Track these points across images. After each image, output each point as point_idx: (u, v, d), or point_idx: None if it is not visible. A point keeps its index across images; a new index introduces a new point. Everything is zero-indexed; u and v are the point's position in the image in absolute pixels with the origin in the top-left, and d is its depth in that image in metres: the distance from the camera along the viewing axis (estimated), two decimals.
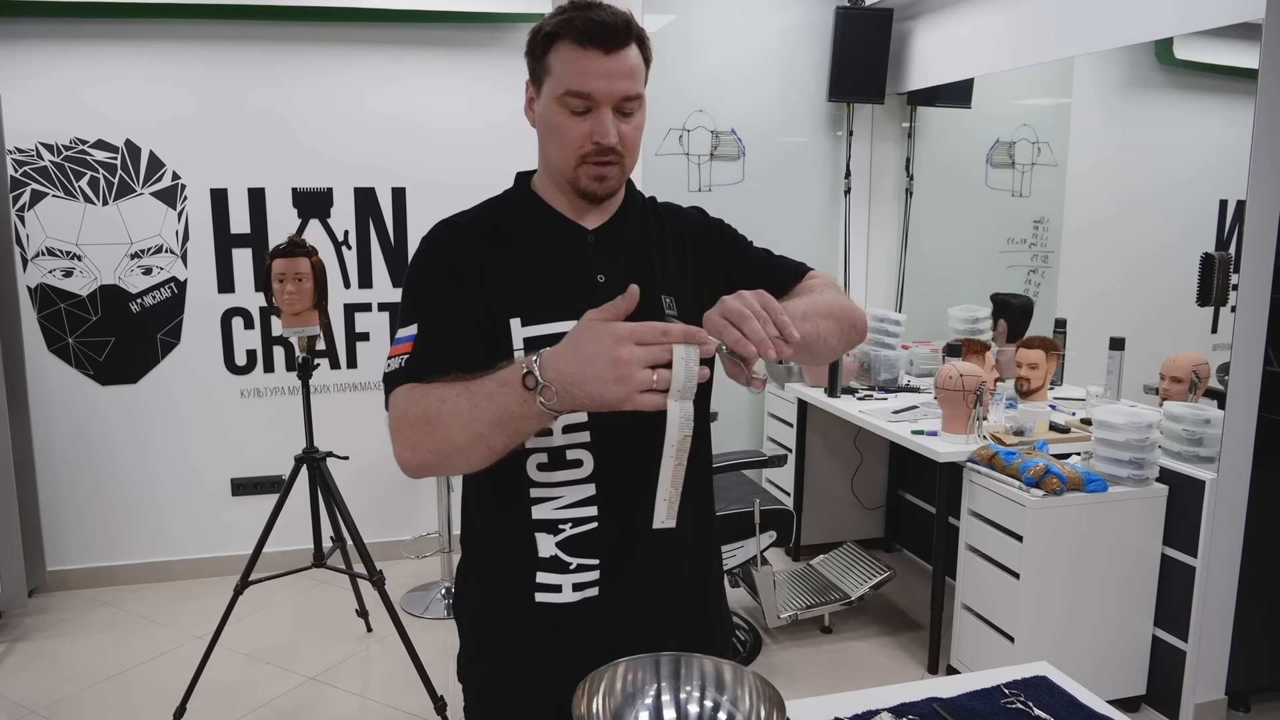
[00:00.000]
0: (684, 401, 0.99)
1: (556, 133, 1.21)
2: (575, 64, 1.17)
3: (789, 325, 1.04)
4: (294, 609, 3.73)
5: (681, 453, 1.01)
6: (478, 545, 1.33)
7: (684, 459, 1.02)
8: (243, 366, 4.00)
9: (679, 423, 0.99)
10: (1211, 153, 3.89)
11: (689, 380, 0.98)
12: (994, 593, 2.91)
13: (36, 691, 3.08)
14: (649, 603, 1.28)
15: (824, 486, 4.22)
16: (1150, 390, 3.51)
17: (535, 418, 1.03)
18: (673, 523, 1.04)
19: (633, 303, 1.01)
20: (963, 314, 4.22)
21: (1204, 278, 2.92)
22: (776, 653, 3.36)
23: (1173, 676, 2.86)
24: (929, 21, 4.18)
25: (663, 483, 1.02)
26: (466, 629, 1.36)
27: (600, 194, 1.24)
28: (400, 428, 1.13)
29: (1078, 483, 2.76)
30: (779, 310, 1.05)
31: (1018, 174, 4.43)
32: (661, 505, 1.04)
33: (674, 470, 1.02)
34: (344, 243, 4.02)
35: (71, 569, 3.93)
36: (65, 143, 3.69)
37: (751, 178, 4.43)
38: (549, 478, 1.23)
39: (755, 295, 1.06)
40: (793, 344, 1.05)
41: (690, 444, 1.01)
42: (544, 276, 1.25)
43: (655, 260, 1.31)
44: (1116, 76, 4.01)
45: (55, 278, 3.76)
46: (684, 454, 1.01)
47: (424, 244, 1.27)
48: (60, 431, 3.86)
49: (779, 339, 1.03)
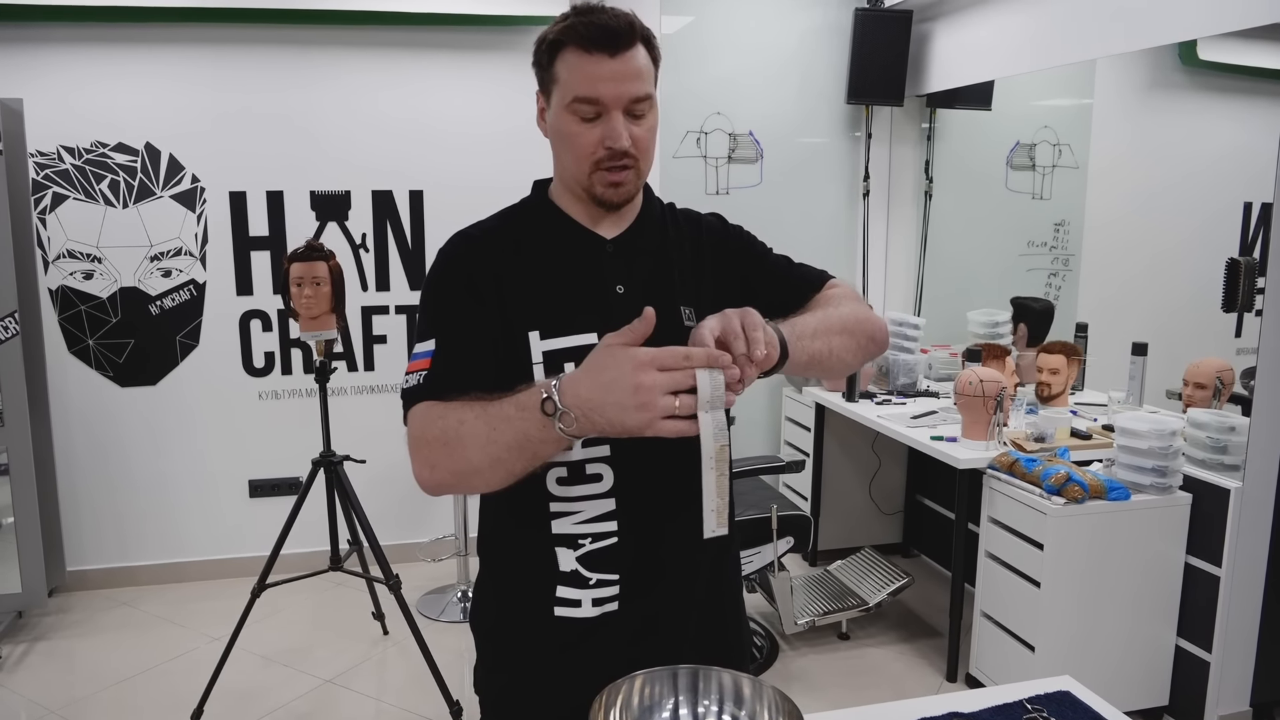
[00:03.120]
0: (715, 411, 0.99)
1: (568, 141, 1.20)
2: (581, 70, 1.16)
3: (758, 343, 1.03)
4: (310, 610, 3.74)
5: (720, 462, 1.02)
6: (496, 558, 1.32)
7: (724, 467, 1.03)
8: (261, 368, 4.02)
9: (713, 433, 0.99)
10: (1235, 155, 3.84)
11: (716, 391, 0.98)
12: (1014, 601, 2.88)
13: (55, 692, 3.10)
14: (668, 617, 1.27)
15: (841, 491, 4.19)
16: (1173, 395, 3.47)
17: (554, 442, 1.03)
18: (724, 530, 1.06)
19: (650, 326, 1.01)
20: (982, 318, 4.18)
21: (1229, 283, 2.88)
22: (794, 659, 3.34)
23: (1196, 687, 2.82)
24: (948, 23, 4.15)
25: (707, 494, 1.03)
26: (484, 641, 1.35)
27: (617, 200, 1.23)
28: (419, 447, 1.12)
29: (1100, 491, 2.73)
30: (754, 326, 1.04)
31: (1038, 176, 4.40)
32: (710, 515, 1.04)
33: (716, 480, 1.03)
34: (361, 245, 4.03)
35: (91, 569, 3.95)
36: (86, 146, 3.72)
37: (769, 180, 4.41)
38: (569, 492, 1.22)
39: (739, 314, 1.06)
40: (756, 363, 1.03)
41: (727, 451, 1.01)
42: (562, 288, 1.24)
43: (674, 269, 1.29)
44: (1139, 78, 3.97)
45: (76, 280, 3.79)
46: (723, 463, 1.02)
47: (440, 257, 1.26)
48: (80, 432, 3.89)
49: (743, 357, 1.02)
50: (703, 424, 0.98)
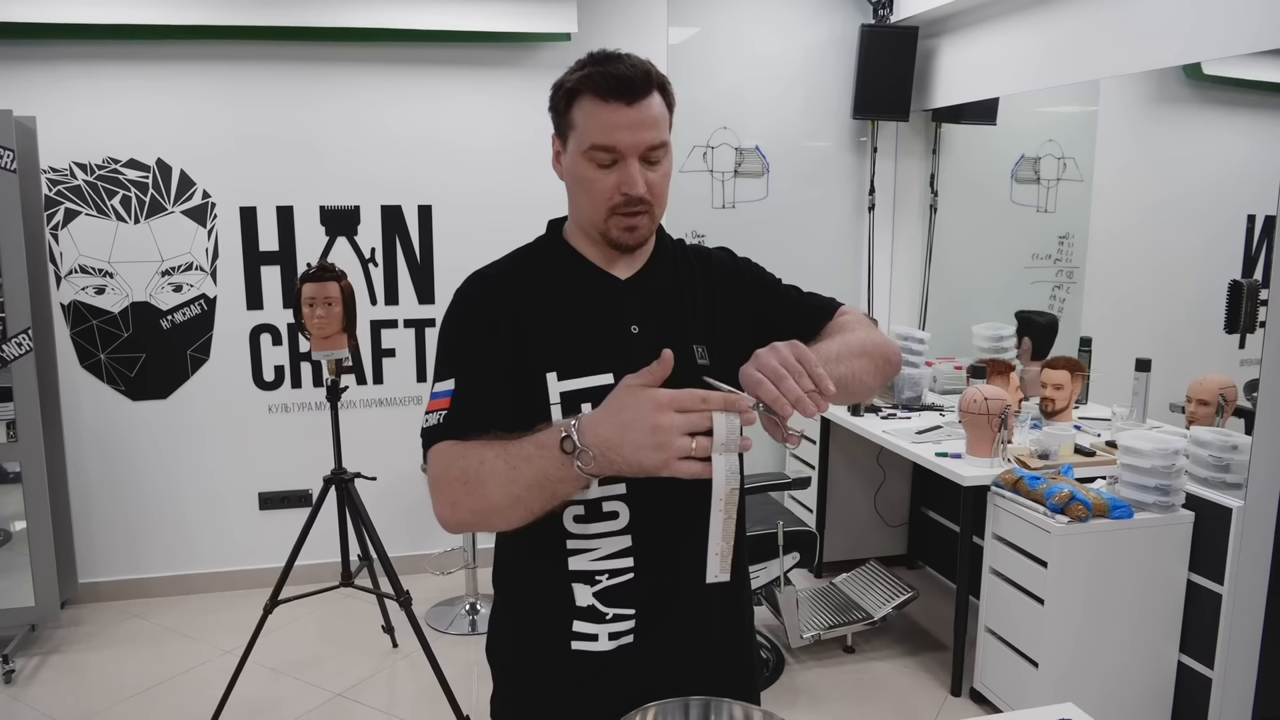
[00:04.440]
0: (729, 455, 1.00)
1: (585, 186, 1.22)
2: (598, 118, 1.18)
3: (824, 378, 1.04)
4: (320, 623, 3.77)
5: (730, 505, 1.02)
6: (513, 591, 1.35)
7: (733, 511, 1.03)
8: (270, 382, 4.05)
9: (725, 476, 1.00)
10: (1240, 168, 3.86)
11: (731, 434, 1.00)
12: (1018, 617, 2.90)
13: (68, 706, 3.13)
14: (683, 649, 1.30)
15: (846, 503, 4.22)
16: (1176, 409, 3.48)
17: (573, 481, 1.04)
18: (726, 576, 1.04)
19: (668, 369, 1.03)
20: (987, 332, 4.20)
21: (1232, 305, 2.90)
22: (799, 673, 3.36)
23: (1198, 705, 2.84)
24: (954, 40, 4.17)
25: (713, 536, 1.03)
26: (501, 673, 1.37)
27: (631, 244, 1.26)
28: (440, 486, 1.15)
29: (1103, 509, 2.75)
30: (814, 362, 1.05)
31: (1043, 189, 4.42)
32: (714, 559, 1.04)
33: (723, 524, 1.03)
34: (371, 260, 4.06)
35: (102, 581, 3.99)
36: (98, 162, 3.75)
37: (776, 194, 4.44)
38: (585, 529, 1.25)
39: (789, 347, 1.06)
40: (828, 396, 1.05)
41: (738, 495, 1.02)
42: (578, 329, 1.26)
43: (686, 307, 1.32)
44: (1144, 92, 3.99)
45: (88, 295, 3.83)
46: (732, 506, 1.03)
47: (458, 296, 1.29)
48: (92, 446, 3.92)
49: (814, 393, 1.04)
50: (716, 467, 1.00)
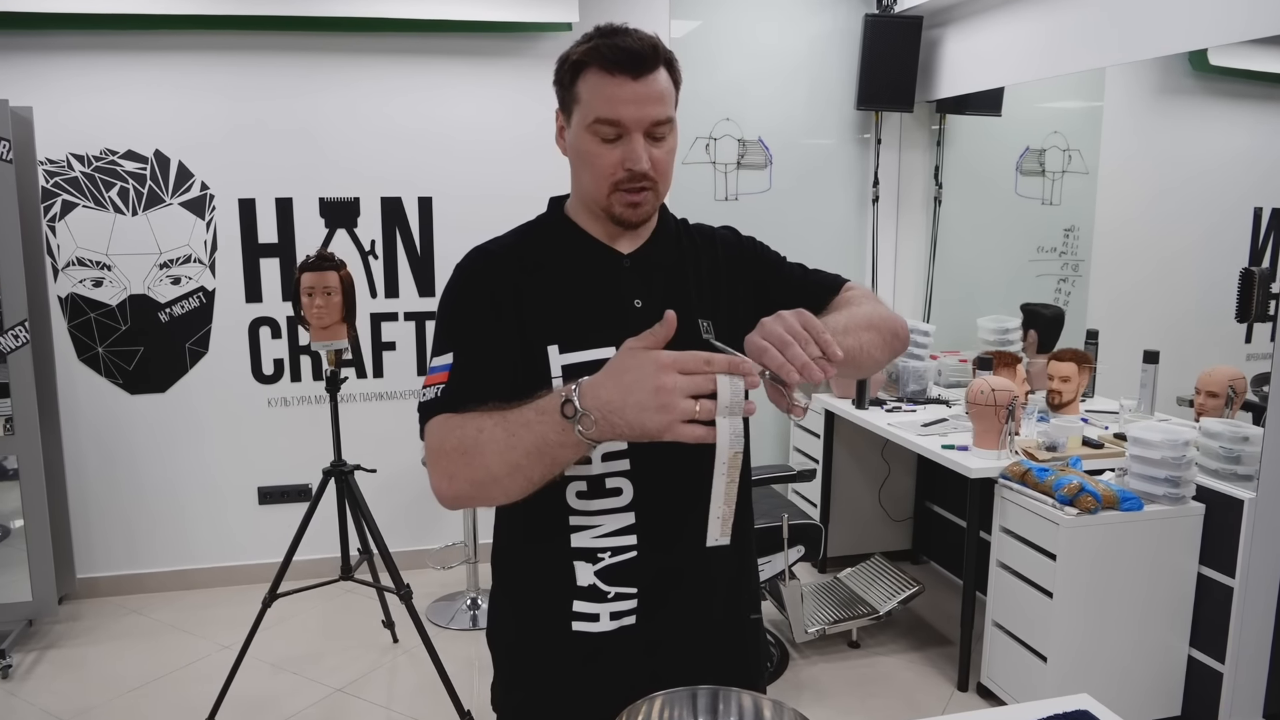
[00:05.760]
0: (733, 418, 0.98)
1: (588, 161, 1.20)
2: (604, 91, 1.16)
3: (831, 344, 1.02)
4: (320, 618, 3.74)
5: (733, 469, 1.01)
6: (511, 573, 1.32)
7: (735, 475, 1.01)
8: (270, 376, 4.02)
9: (729, 439, 0.98)
10: (1246, 159, 3.84)
11: (735, 397, 0.98)
12: (1026, 611, 2.86)
13: (67, 700, 3.10)
14: (685, 631, 1.27)
15: (851, 498, 4.18)
16: (1184, 402, 3.45)
17: (573, 447, 1.02)
18: (727, 539, 1.03)
19: (671, 329, 1.00)
20: (992, 325, 4.17)
21: (1243, 293, 2.86)
22: (804, 668, 3.33)
23: (1209, 698, 2.81)
24: (959, 29, 4.14)
25: (715, 499, 1.02)
26: (501, 658, 1.35)
27: (635, 220, 1.24)
28: (437, 458, 1.12)
29: (1112, 501, 2.71)
30: (820, 329, 1.03)
31: (1048, 182, 4.39)
32: (715, 522, 1.03)
33: (726, 487, 1.01)
34: (370, 252, 4.03)
35: (100, 576, 3.96)
36: (95, 153, 3.72)
37: (779, 186, 4.40)
38: (588, 506, 1.22)
39: (795, 315, 1.04)
40: (835, 362, 1.02)
41: (741, 460, 1.00)
42: (580, 303, 1.24)
43: (690, 283, 1.30)
44: (1149, 83, 3.96)
45: (85, 287, 3.79)
46: (735, 470, 1.01)
47: (458, 271, 1.26)
48: (89, 440, 3.89)
49: (822, 359, 1.02)
50: (720, 429, 0.98)
